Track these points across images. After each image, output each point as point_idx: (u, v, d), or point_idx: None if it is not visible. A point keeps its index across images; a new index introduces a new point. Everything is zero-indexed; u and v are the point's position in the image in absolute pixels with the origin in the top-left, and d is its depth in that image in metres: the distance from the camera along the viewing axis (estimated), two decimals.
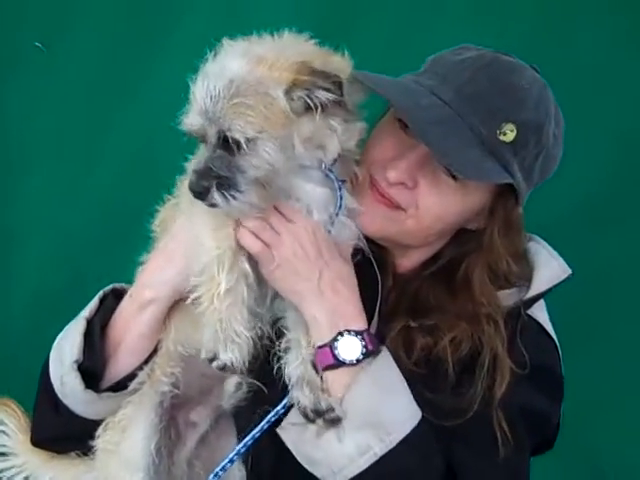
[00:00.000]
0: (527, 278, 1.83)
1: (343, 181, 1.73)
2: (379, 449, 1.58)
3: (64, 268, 2.66)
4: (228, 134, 1.56)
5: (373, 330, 1.77)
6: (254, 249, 1.66)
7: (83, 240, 2.64)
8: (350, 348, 1.65)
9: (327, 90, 1.58)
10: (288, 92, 1.57)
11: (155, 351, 1.82)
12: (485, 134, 1.69)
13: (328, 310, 1.67)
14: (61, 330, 1.89)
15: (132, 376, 1.81)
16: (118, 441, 1.76)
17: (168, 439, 1.79)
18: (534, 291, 1.81)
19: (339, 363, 1.65)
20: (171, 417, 1.80)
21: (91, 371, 1.79)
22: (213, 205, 1.58)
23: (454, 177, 1.71)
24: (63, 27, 2.58)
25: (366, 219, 1.78)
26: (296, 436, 1.66)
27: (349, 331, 1.66)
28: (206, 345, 1.61)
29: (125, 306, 1.83)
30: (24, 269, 2.68)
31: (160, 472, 1.77)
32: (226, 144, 1.57)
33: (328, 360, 1.65)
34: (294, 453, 1.66)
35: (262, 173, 1.59)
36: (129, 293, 1.84)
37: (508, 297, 1.81)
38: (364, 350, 1.65)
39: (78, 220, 2.63)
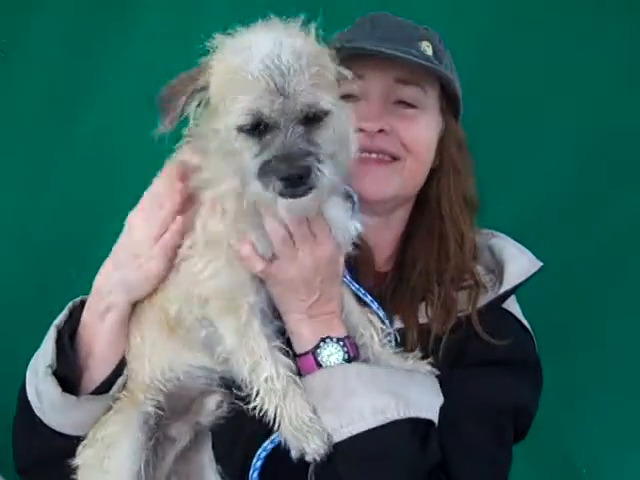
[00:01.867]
0: (498, 273, 1.90)
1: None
2: (391, 415, 1.59)
3: (28, 275, 2.61)
4: (311, 108, 1.49)
5: None
6: (257, 269, 1.62)
7: (47, 246, 2.61)
8: (332, 354, 1.66)
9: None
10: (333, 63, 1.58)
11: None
12: (416, 52, 1.86)
13: (313, 325, 1.67)
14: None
15: (110, 382, 1.77)
16: (102, 457, 1.70)
17: (154, 456, 1.76)
18: (507, 285, 1.87)
19: (320, 367, 1.65)
20: (154, 433, 1.77)
21: (67, 379, 1.75)
22: (310, 189, 1.47)
23: (413, 105, 1.90)
24: (21, 30, 2.55)
25: (375, 187, 1.88)
26: (328, 385, 1.65)
27: (331, 338, 1.67)
28: (291, 444, 1.58)
29: (86, 317, 1.81)
30: None
31: None
32: (305, 119, 1.49)
33: (311, 367, 1.66)
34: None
35: (336, 148, 1.55)
36: (87, 305, 1.81)
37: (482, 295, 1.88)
38: (345, 356, 1.66)
39: (40, 225, 2.60)
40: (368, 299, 1.78)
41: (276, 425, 1.58)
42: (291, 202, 1.48)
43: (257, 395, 1.58)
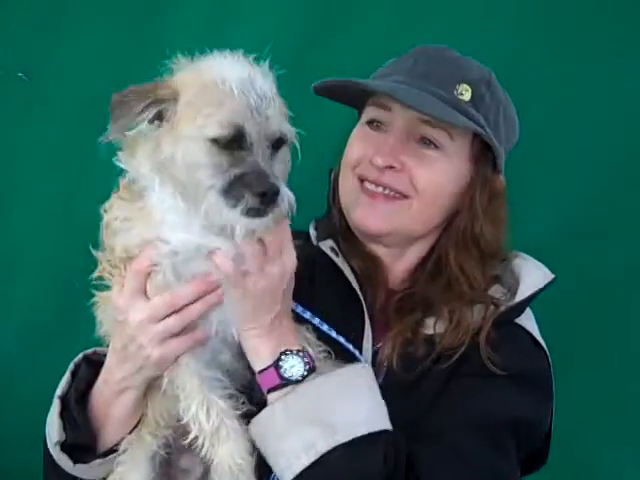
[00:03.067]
0: (513, 289, 1.89)
1: None
2: (321, 447, 1.59)
3: (53, 299, 2.63)
4: (281, 135, 1.53)
5: (368, 345, 1.85)
6: (224, 269, 1.60)
7: (71, 270, 2.55)
8: (294, 366, 1.66)
9: None
10: None
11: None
12: (446, 96, 1.84)
13: (272, 340, 1.67)
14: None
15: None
16: None
17: None
18: (520, 297, 1.87)
19: (285, 381, 1.65)
20: (165, 467, 1.79)
21: (81, 443, 1.78)
22: (268, 212, 1.50)
23: (435, 145, 1.87)
24: (46, 57, 2.57)
25: (369, 219, 1.90)
26: (263, 430, 1.65)
27: (291, 351, 1.67)
28: None
29: (102, 388, 1.81)
30: (12, 300, 2.65)
31: None
32: (272, 143, 1.53)
33: (274, 381, 1.66)
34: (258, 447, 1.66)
35: (285, 177, 1.59)
36: (103, 376, 1.80)
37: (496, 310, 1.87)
38: (307, 367, 1.66)
39: (67, 249, 2.58)
40: (313, 319, 1.81)
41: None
42: (253, 221, 1.49)
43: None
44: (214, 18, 2.57)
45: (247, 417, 1.66)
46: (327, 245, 2.00)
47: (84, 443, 1.80)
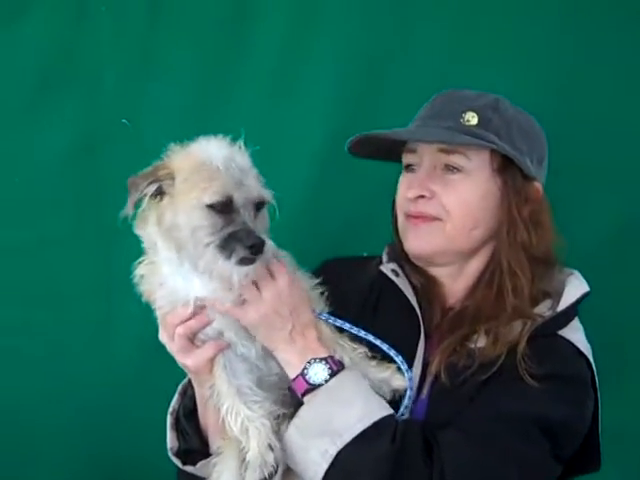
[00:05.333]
0: (556, 305, 2.06)
1: None
2: (333, 450, 1.85)
3: None
4: (262, 198, 1.88)
5: (420, 359, 2.07)
6: (221, 309, 1.93)
7: None
8: (318, 372, 1.93)
9: None
10: None
11: None
12: (453, 125, 2.07)
13: (298, 351, 1.95)
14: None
15: None
16: None
17: None
18: (559, 308, 2.03)
19: (312, 386, 1.92)
20: None
21: (192, 449, 2.17)
22: (256, 260, 1.82)
23: (458, 169, 2.08)
24: (146, 104, 2.81)
25: (416, 241, 2.15)
26: (288, 449, 1.93)
27: (315, 359, 1.94)
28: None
29: (197, 399, 2.17)
30: (126, 320, 2.81)
31: None
32: (255, 208, 1.87)
33: (303, 387, 1.93)
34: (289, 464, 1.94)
35: (266, 231, 1.91)
36: (195, 389, 2.15)
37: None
38: (330, 371, 1.92)
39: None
40: (352, 329, 2.04)
41: None
42: (245, 269, 1.82)
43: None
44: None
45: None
46: (389, 268, 2.25)
47: (196, 448, 2.17)
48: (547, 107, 2.40)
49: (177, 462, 2.19)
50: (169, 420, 2.23)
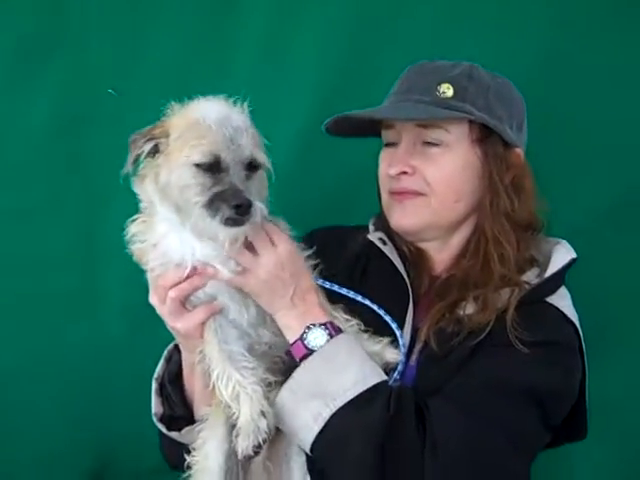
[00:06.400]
0: (543, 272, 2.06)
1: None
2: (326, 413, 1.85)
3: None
4: (253, 158, 1.84)
5: (409, 326, 2.07)
6: (220, 277, 1.91)
7: None
8: (317, 337, 1.92)
9: None
10: None
11: None
12: (429, 100, 2.06)
13: (298, 316, 1.94)
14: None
15: None
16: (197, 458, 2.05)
17: None
18: (548, 274, 2.04)
19: (310, 351, 1.92)
20: None
21: (177, 415, 2.17)
22: (244, 221, 1.79)
23: (437, 144, 2.07)
24: (132, 76, 2.77)
25: (403, 219, 2.14)
26: (279, 412, 1.92)
27: (314, 324, 1.93)
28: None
29: (184, 368, 2.17)
30: (111, 284, 2.80)
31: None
32: (246, 167, 1.84)
33: (301, 351, 1.93)
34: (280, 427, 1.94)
35: (262, 195, 1.89)
36: (182, 355, 2.15)
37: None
38: (329, 337, 1.92)
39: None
40: (349, 294, 2.06)
41: None
42: (231, 230, 1.80)
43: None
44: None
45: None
46: (376, 236, 2.25)
47: (181, 414, 2.17)
48: (531, 75, 2.42)
49: (162, 428, 2.18)
50: (154, 386, 2.23)
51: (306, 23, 2.76)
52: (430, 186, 2.09)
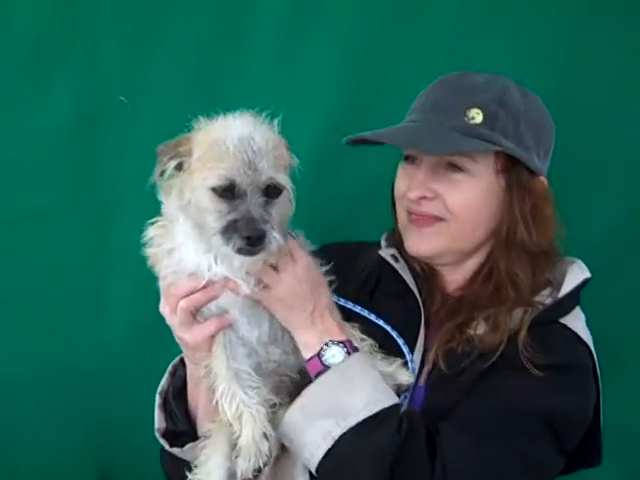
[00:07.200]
0: (557, 292, 2.02)
1: None
2: (336, 433, 1.80)
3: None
4: (272, 183, 1.78)
5: (420, 346, 2.03)
6: (241, 292, 1.87)
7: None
8: (335, 355, 1.89)
9: None
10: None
11: None
12: (457, 125, 1.97)
13: (317, 333, 1.91)
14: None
15: None
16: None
17: None
18: (562, 294, 2.00)
19: (326, 367, 1.88)
20: None
21: (179, 431, 2.13)
22: (257, 252, 1.75)
23: (460, 169, 2.00)
24: (144, 81, 2.74)
25: (419, 245, 2.08)
26: (286, 429, 1.89)
27: (332, 341, 1.90)
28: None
29: (189, 383, 2.13)
30: (117, 299, 2.79)
31: None
32: (266, 191, 1.78)
33: (317, 368, 1.89)
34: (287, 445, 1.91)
35: (285, 219, 1.84)
36: (187, 372, 2.11)
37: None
38: (346, 355, 1.89)
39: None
40: (363, 312, 2.05)
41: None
42: (244, 258, 1.76)
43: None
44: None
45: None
46: (389, 253, 2.21)
47: (184, 430, 2.13)
48: (554, 95, 2.32)
49: (164, 443, 2.15)
50: (157, 400, 2.20)
51: (322, 28, 2.72)
52: (450, 212, 2.03)
